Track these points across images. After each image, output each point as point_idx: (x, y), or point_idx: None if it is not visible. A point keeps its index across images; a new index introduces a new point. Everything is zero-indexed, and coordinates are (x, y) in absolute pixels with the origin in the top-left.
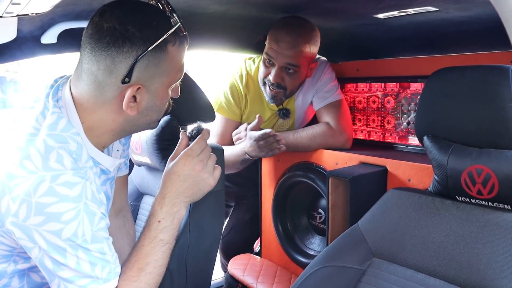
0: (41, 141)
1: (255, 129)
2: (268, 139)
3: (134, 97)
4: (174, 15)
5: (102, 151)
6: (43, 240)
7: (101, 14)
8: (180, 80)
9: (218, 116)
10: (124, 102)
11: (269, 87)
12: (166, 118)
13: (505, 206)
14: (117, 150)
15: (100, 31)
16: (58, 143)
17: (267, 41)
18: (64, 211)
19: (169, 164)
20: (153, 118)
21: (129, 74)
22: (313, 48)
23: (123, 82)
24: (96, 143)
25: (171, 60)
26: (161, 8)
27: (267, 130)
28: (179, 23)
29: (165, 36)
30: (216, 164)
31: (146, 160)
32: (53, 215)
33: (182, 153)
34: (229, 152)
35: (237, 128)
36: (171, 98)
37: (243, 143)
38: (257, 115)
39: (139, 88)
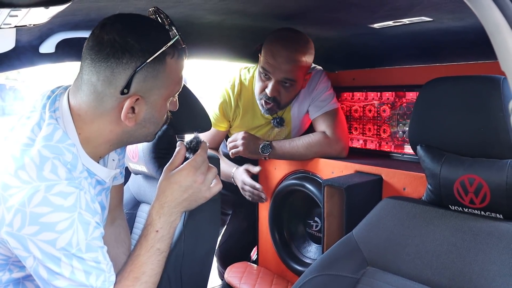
0: (36, 151)
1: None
2: (253, 191)
3: (133, 108)
4: (173, 28)
5: (98, 162)
6: (38, 250)
7: (102, 26)
8: (178, 93)
9: None
10: (123, 112)
11: (265, 101)
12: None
13: (497, 215)
14: (113, 160)
15: (101, 43)
16: (53, 153)
17: (262, 54)
18: (58, 220)
19: (169, 173)
20: (151, 130)
21: (128, 85)
22: (308, 60)
23: (122, 93)
24: (92, 153)
25: (170, 72)
26: (161, 21)
27: (257, 185)
28: (177, 36)
29: (164, 48)
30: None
31: (143, 168)
32: (47, 225)
33: (186, 163)
34: (222, 165)
35: (224, 136)
36: (169, 111)
37: (236, 170)
38: (257, 169)
39: (137, 99)
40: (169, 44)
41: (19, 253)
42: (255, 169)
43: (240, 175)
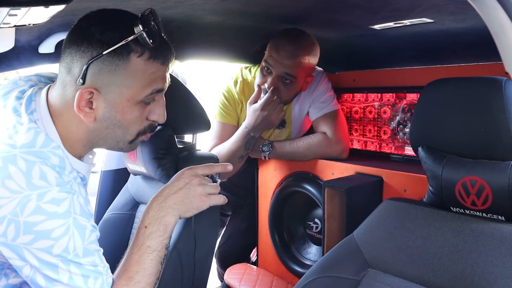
0: (20, 158)
1: (255, 100)
2: (273, 103)
3: (92, 103)
4: (140, 25)
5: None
6: (34, 258)
7: (82, 17)
8: (160, 100)
9: (216, 122)
10: (75, 102)
11: (263, 94)
12: (160, 127)
13: (499, 217)
14: (90, 157)
15: (71, 31)
16: (39, 158)
17: (267, 49)
18: (53, 228)
19: None
20: (117, 134)
21: (83, 75)
22: (312, 61)
23: (78, 83)
24: (72, 153)
25: (135, 71)
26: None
27: (268, 94)
28: (141, 32)
29: (122, 43)
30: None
31: (142, 169)
32: (42, 233)
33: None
34: (231, 140)
35: (233, 133)
36: (156, 120)
37: (244, 123)
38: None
39: (92, 92)
40: (130, 39)
41: (15, 262)
42: (255, 92)
43: (252, 103)
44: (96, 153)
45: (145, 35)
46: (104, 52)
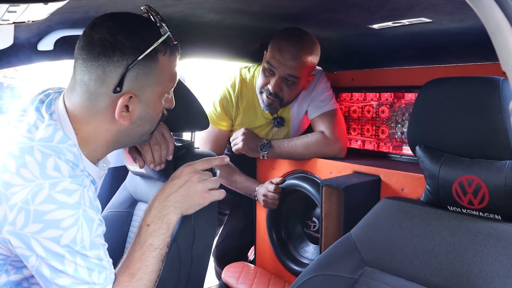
0: (37, 150)
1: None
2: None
3: (127, 107)
4: (164, 24)
5: (96, 164)
6: (41, 248)
7: (92, 26)
8: (172, 89)
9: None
10: (116, 111)
11: (266, 95)
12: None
13: (496, 216)
14: (104, 165)
15: (91, 42)
16: (55, 152)
17: (269, 50)
18: (63, 217)
19: None
20: (146, 128)
21: (120, 84)
22: (313, 60)
23: (115, 91)
24: (90, 156)
25: (162, 69)
26: (152, 19)
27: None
28: (168, 33)
29: (155, 45)
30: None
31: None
32: (52, 222)
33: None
34: (243, 182)
35: (227, 136)
36: (166, 109)
37: (260, 185)
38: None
39: (131, 97)
40: (160, 41)
41: (22, 252)
42: (277, 180)
43: (265, 186)
44: (110, 162)
45: (171, 34)
46: (139, 58)
